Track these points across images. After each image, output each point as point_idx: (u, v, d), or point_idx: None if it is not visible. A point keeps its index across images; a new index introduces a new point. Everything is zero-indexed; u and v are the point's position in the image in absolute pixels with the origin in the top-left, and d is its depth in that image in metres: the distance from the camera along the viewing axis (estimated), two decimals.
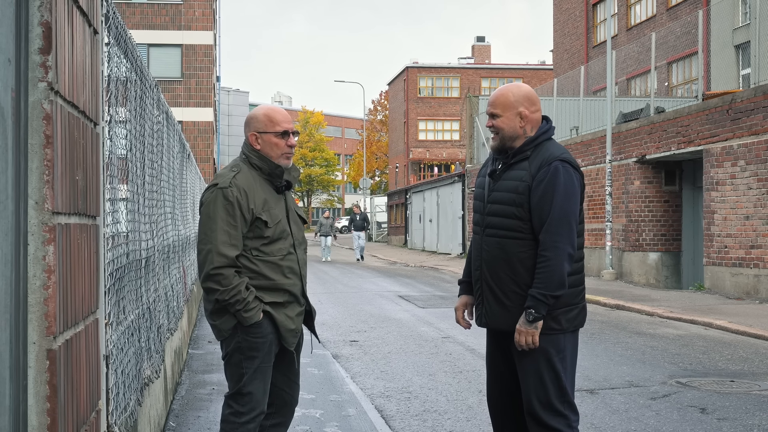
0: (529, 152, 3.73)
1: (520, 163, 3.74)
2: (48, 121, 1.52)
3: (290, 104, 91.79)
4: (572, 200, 3.66)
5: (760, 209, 13.95)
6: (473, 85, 58.52)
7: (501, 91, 3.86)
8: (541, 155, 3.71)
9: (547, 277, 3.58)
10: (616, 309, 13.58)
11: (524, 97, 3.80)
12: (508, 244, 3.69)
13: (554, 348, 3.66)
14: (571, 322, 3.70)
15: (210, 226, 3.68)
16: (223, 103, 56.30)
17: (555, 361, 3.67)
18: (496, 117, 3.78)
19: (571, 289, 3.70)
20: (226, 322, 3.72)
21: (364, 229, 30.61)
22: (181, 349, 7.96)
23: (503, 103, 3.78)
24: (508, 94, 3.81)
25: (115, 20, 3.58)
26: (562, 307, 3.67)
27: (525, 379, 3.71)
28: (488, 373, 3.97)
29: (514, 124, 3.75)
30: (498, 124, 3.77)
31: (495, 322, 3.76)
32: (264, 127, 3.85)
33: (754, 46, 18.73)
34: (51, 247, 1.53)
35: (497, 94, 3.84)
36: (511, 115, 3.75)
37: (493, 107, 3.80)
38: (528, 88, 3.91)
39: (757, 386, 7.18)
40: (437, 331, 10.81)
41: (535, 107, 3.80)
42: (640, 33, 32.28)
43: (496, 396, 3.93)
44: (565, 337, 3.69)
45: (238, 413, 3.75)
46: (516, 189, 3.68)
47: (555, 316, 3.66)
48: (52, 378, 1.53)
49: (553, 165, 3.65)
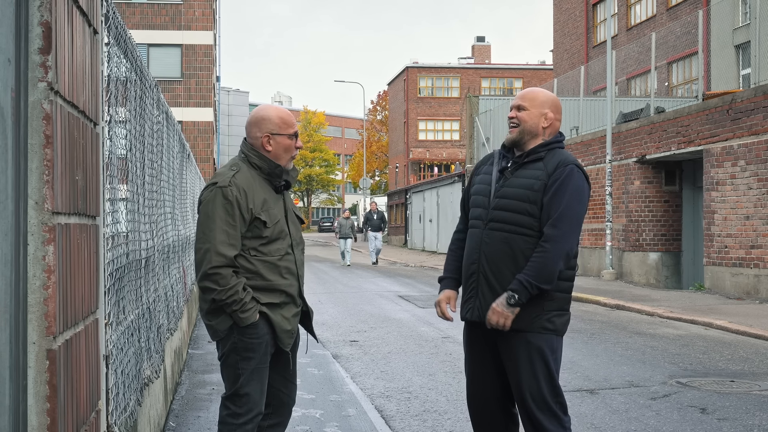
0: (543, 154, 3.79)
1: (534, 163, 3.78)
2: (48, 121, 1.52)
3: (290, 104, 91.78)
4: (582, 204, 3.73)
5: (760, 209, 13.95)
6: (473, 85, 58.51)
7: (532, 89, 3.98)
8: (556, 157, 3.77)
9: (540, 267, 3.61)
10: (616, 309, 13.57)
11: (553, 102, 3.89)
12: (516, 240, 3.71)
13: (549, 348, 3.71)
14: (563, 326, 3.78)
15: (208, 225, 3.65)
16: (223, 103, 56.31)
17: (549, 360, 3.71)
18: (521, 109, 3.84)
19: (565, 295, 3.76)
20: (222, 323, 3.70)
21: (381, 230, 28.34)
22: (180, 349, 7.96)
23: (532, 98, 3.87)
24: (539, 93, 3.91)
25: (115, 20, 3.58)
26: (557, 310, 3.73)
27: (518, 377, 3.72)
28: (472, 373, 3.96)
29: (537, 122, 3.81)
30: (522, 116, 3.82)
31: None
32: (278, 129, 3.82)
33: (754, 46, 18.73)
34: (51, 247, 1.53)
35: (528, 90, 3.95)
36: (536, 111, 3.82)
37: (522, 100, 3.87)
38: (555, 96, 4.00)
39: (758, 386, 7.18)
40: (437, 331, 10.80)
41: (559, 115, 3.90)
42: (640, 33, 32.27)
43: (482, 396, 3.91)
44: (556, 339, 3.75)
45: (235, 414, 3.73)
46: (531, 186, 3.72)
47: (550, 318, 3.70)
48: (52, 378, 1.53)
49: (569, 167, 3.72)
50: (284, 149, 3.83)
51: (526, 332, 3.69)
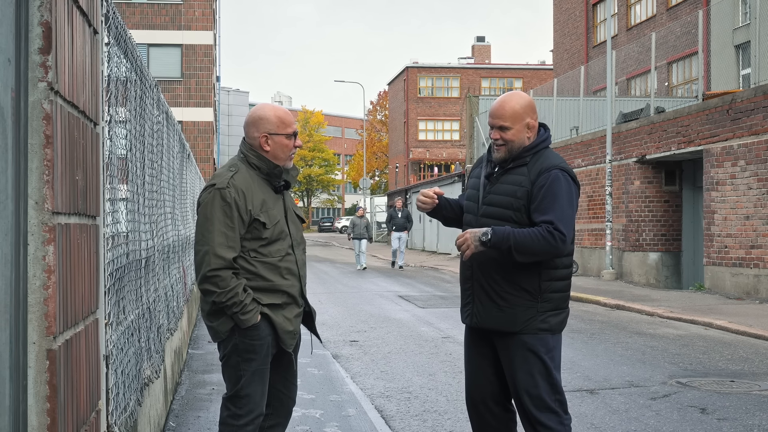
0: (528, 158, 3.74)
1: (518, 168, 3.74)
2: (48, 121, 1.52)
3: (290, 104, 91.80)
4: (572, 207, 3.70)
5: (760, 209, 13.95)
6: (473, 85, 58.51)
7: (506, 102, 3.77)
8: (540, 162, 3.72)
9: (527, 242, 3.57)
10: (616, 309, 13.57)
11: (529, 106, 3.79)
12: None
13: (543, 346, 3.72)
14: (559, 325, 3.77)
15: (207, 227, 3.63)
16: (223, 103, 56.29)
17: (545, 358, 3.71)
18: (506, 129, 3.72)
19: (561, 294, 3.76)
20: (223, 324, 3.69)
21: (407, 229, 25.02)
22: (181, 349, 7.96)
23: (513, 115, 3.72)
24: (515, 105, 3.74)
25: (115, 20, 3.58)
26: (552, 310, 3.73)
27: (515, 377, 3.74)
28: (471, 377, 3.98)
29: (523, 136, 3.74)
30: (508, 137, 3.72)
31: (487, 321, 3.78)
32: (276, 129, 3.80)
33: (754, 46, 18.73)
34: (51, 247, 1.53)
35: (504, 106, 3.75)
36: (520, 127, 3.73)
37: (503, 120, 3.73)
38: (527, 95, 3.89)
39: (757, 386, 7.18)
40: (437, 331, 10.80)
41: (536, 114, 3.82)
42: (640, 33, 32.27)
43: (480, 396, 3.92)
44: (553, 337, 3.75)
45: (236, 415, 3.73)
46: (514, 193, 3.69)
47: (545, 318, 3.71)
48: (52, 378, 1.53)
49: (553, 172, 3.67)
50: (282, 149, 3.82)
51: (522, 334, 3.71)
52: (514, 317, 3.70)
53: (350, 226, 24.62)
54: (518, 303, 3.70)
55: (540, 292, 3.69)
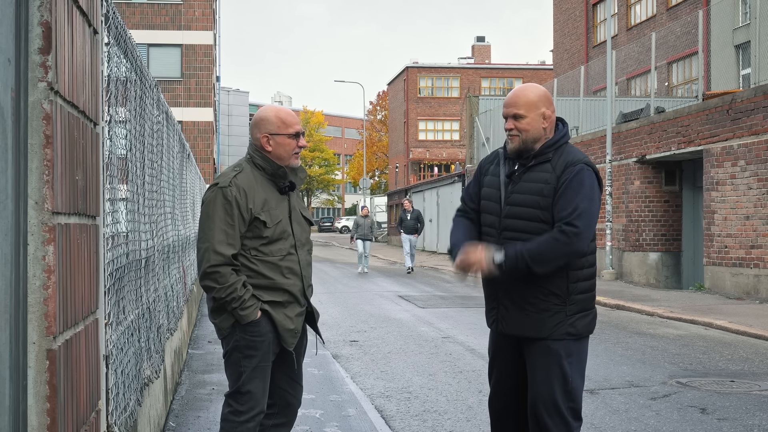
0: (551, 154, 3.62)
1: (541, 165, 3.61)
2: (48, 121, 1.52)
3: (290, 104, 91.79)
4: (594, 203, 3.57)
5: (760, 209, 13.95)
6: (473, 85, 58.52)
7: (522, 91, 3.69)
8: (564, 157, 3.60)
9: (542, 250, 3.46)
10: (616, 309, 13.58)
11: (545, 96, 3.67)
12: None
13: (565, 352, 3.60)
14: (585, 327, 3.65)
15: (208, 225, 3.71)
16: (223, 103, 56.27)
17: (564, 364, 3.61)
18: (520, 118, 3.61)
19: (586, 294, 3.64)
20: (224, 321, 3.75)
21: (417, 232, 23.19)
22: (180, 349, 7.96)
23: (527, 103, 3.62)
24: (530, 94, 3.65)
25: (115, 20, 3.58)
26: (579, 312, 3.61)
27: (534, 380, 3.64)
28: (497, 382, 3.85)
29: (538, 126, 3.61)
30: (523, 126, 3.60)
31: (514, 327, 3.66)
32: (276, 129, 3.85)
33: (754, 46, 18.73)
34: (51, 247, 1.53)
35: (518, 95, 3.66)
36: (535, 116, 3.60)
37: (517, 108, 3.62)
38: (542, 87, 3.76)
39: (758, 386, 7.18)
40: (437, 331, 10.80)
41: (553, 107, 3.69)
42: (640, 33, 32.27)
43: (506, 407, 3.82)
44: (574, 343, 3.63)
45: (237, 412, 3.76)
46: (541, 191, 3.56)
47: (573, 322, 3.59)
48: (52, 378, 1.53)
49: (578, 166, 3.56)
50: (284, 149, 3.86)
51: (548, 339, 3.60)
52: (542, 323, 3.57)
53: (354, 226, 23.43)
54: (546, 308, 3.57)
55: (568, 295, 3.57)
